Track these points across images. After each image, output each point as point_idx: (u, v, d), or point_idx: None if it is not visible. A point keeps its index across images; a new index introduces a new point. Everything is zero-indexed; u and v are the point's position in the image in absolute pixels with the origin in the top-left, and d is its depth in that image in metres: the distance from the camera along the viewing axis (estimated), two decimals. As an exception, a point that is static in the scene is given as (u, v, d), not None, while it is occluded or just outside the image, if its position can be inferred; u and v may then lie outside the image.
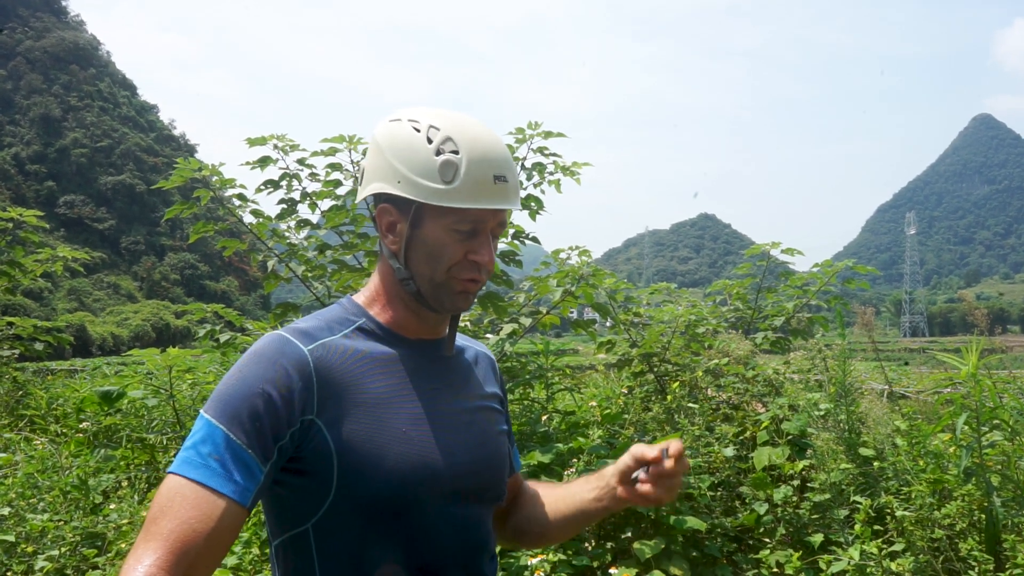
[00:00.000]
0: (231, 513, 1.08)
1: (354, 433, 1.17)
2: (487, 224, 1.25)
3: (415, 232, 1.25)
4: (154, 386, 5.57)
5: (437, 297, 1.27)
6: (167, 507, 1.07)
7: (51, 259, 7.24)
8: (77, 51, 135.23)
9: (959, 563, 3.14)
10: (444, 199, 1.20)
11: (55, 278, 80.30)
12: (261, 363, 1.17)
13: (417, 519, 1.21)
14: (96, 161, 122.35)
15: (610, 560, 3.60)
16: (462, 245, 1.24)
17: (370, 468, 1.17)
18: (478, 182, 1.21)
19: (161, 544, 1.04)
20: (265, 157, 4.75)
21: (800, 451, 4.03)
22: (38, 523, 3.70)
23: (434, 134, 1.22)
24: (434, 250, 1.24)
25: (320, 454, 1.16)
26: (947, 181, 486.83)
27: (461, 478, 1.26)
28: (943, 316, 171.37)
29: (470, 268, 1.25)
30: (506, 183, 1.24)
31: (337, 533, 1.18)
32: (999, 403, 3.31)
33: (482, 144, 1.23)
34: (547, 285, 4.79)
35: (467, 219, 1.23)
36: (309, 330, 1.24)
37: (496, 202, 1.22)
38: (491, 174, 1.22)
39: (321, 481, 1.17)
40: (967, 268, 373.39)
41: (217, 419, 1.12)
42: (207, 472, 1.09)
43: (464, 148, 1.21)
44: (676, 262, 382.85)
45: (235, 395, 1.14)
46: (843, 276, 5.95)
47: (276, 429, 1.13)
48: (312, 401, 1.17)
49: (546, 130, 4.67)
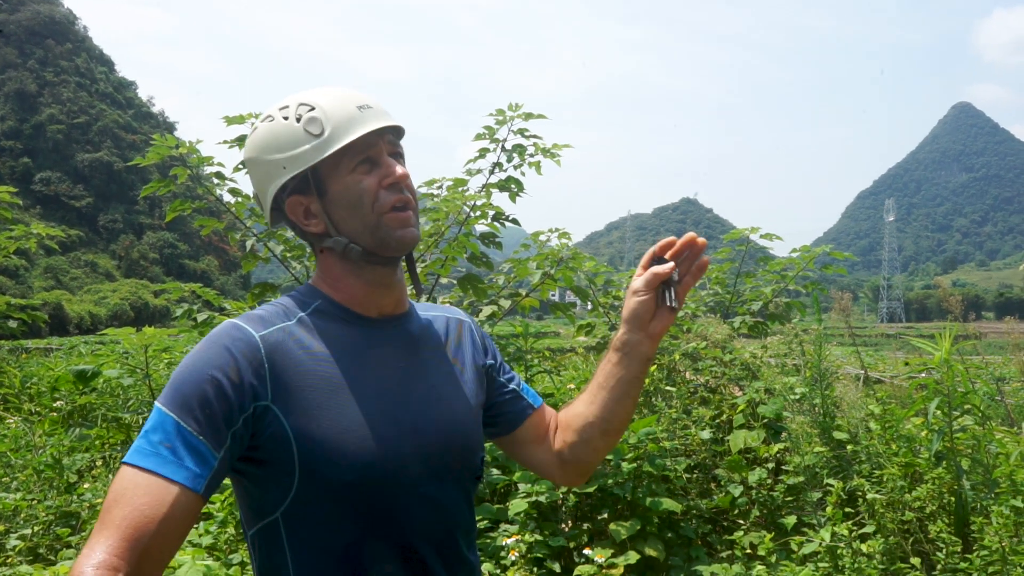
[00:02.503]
0: (184, 500, 1.07)
1: (313, 418, 1.16)
2: (379, 148, 1.27)
3: (326, 199, 1.26)
4: (130, 365, 5.53)
5: (382, 242, 1.26)
6: (120, 496, 1.06)
7: (24, 236, 7.14)
8: (53, 25, 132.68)
9: (928, 545, 3.19)
10: (325, 148, 1.23)
11: (31, 256, 78.96)
12: (211, 349, 1.16)
13: (386, 501, 1.19)
14: (73, 138, 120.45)
15: (586, 541, 3.63)
16: (371, 177, 1.25)
17: (331, 453, 1.15)
18: (346, 117, 1.24)
19: (114, 532, 1.03)
20: (243, 136, 4.70)
21: (775, 434, 4.07)
22: (11, 502, 3.67)
23: (287, 111, 1.27)
24: (351, 198, 1.25)
25: (278, 441, 1.15)
26: (926, 169, 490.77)
27: (431, 458, 1.25)
28: (920, 302, 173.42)
29: (391, 192, 1.25)
30: (372, 108, 1.27)
31: (306, 521, 1.17)
32: (971, 388, 3.35)
33: (332, 91, 1.28)
34: (527, 267, 4.79)
35: (357, 152, 1.25)
36: (264, 316, 1.23)
37: (371, 124, 1.24)
38: (353, 106, 1.25)
39: (282, 469, 1.16)
40: (944, 255, 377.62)
41: (168, 407, 1.12)
42: (158, 460, 1.08)
43: (318, 102, 1.25)
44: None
45: (185, 382, 1.13)
46: (821, 262, 6.00)
47: (227, 415, 1.12)
48: (265, 386, 1.15)
49: (526, 112, 4.65)
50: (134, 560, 1.02)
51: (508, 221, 4.78)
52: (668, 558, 3.57)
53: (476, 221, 4.74)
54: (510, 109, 4.65)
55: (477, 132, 4.78)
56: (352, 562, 1.18)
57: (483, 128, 4.76)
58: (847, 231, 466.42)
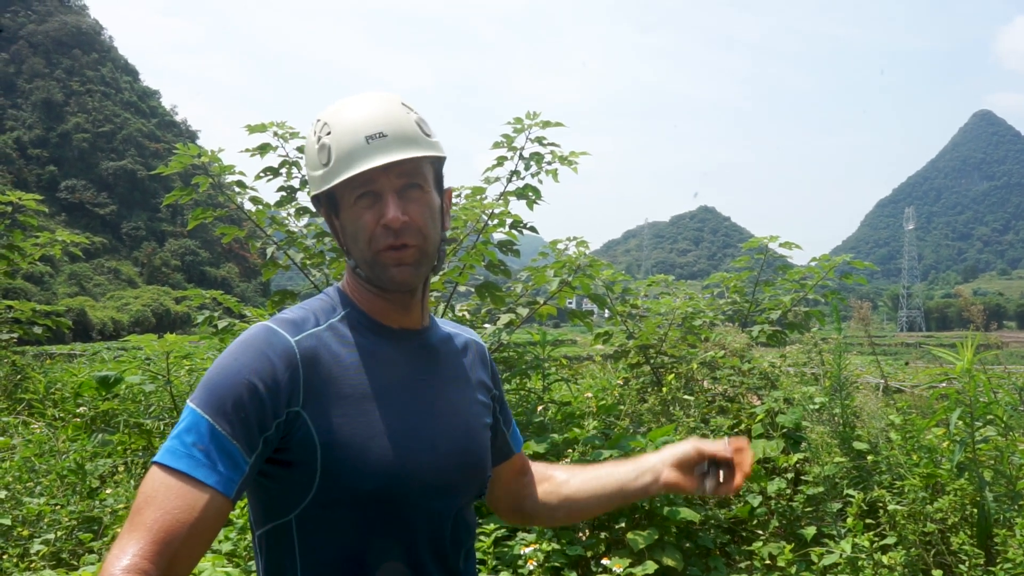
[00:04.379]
0: (215, 504, 1.08)
1: (339, 426, 1.17)
2: (380, 184, 1.23)
3: (338, 222, 1.29)
4: (152, 372, 5.58)
5: (377, 276, 1.26)
6: (151, 497, 1.06)
7: (50, 243, 7.24)
8: (80, 36, 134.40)
9: (950, 557, 3.15)
10: (328, 180, 1.24)
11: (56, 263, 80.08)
12: (248, 353, 1.16)
13: (399, 512, 1.20)
14: (98, 146, 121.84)
15: (604, 550, 3.62)
16: (370, 213, 1.24)
17: (354, 461, 1.16)
18: (349, 150, 1.22)
19: (144, 535, 1.03)
20: (264, 144, 4.75)
21: (795, 444, 4.05)
22: (35, 507, 3.71)
23: (317, 127, 1.27)
24: (353, 231, 1.26)
25: (305, 446, 1.16)
26: (946, 177, 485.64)
27: (445, 472, 1.26)
28: (940, 311, 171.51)
29: (385, 235, 1.23)
30: (384, 138, 1.22)
31: (319, 525, 1.18)
32: (993, 398, 3.32)
33: (352, 114, 1.25)
34: (544, 275, 4.79)
35: (356, 186, 1.23)
36: (296, 320, 1.24)
37: (373, 160, 1.21)
38: (361, 136, 1.22)
39: (305, 473, 1.16)
40: (965, 264, 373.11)
41: (202, 408, 1.12)
42: (191, 462, 1.08)
43: (334, 126, 1.24)
44: (675, 254, 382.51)
45: (221, 385, 1.13)
46: (841, 271, 5.96)
47: (261, 420, 1.12)
48: (298, 392, 1.16)
49: (544, 120, 4.67)
50: (163, 564, 1.03)
51: (526, 229, 4.79)
52: (686, 568, 3.55)
53: (494, 229, 4.76)
54: (528, 117, 4.67)
55: (495, 140, 4.80)
56: (359, 570, 1.19)
57: (501, 136, 4.78)
58: (866, 239, 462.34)
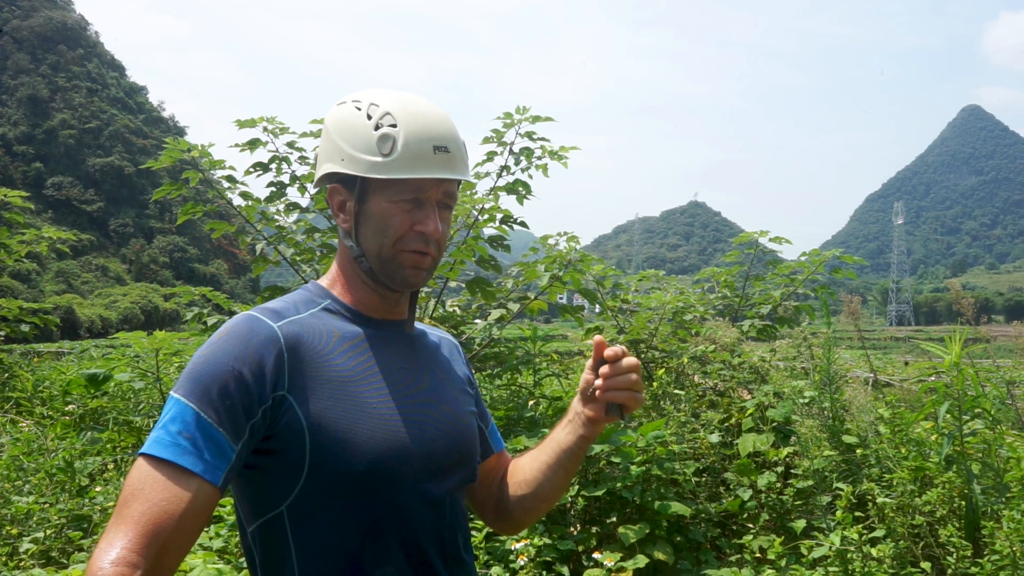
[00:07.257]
0: (203, 492, 1.07)
1: (325, 409, 1.17)
2: (430, 194, 1.26)
3: (362, 208, 1.27)
4: (141, 369, 5.55)
5: (388, 273, 1.27)
6: (138, 489, 1.06)
7: (36, 240, 7.20)
8: (65, 31, 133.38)
9: (938, 549, 3.18)
10: (383, 171, 1.23)
11: (43, 260, 79.46)
12: (231, 341, 1.16)
13: (391, 497, 1.20)
14: (84, 142, 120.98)
15: (595, 544, 3.63)
16: (408, 216, 1.25)
17: (342, 444, 1.16)
18: (416, 152, 1.23)
19: (132, 527, 1.03)
20: (254, 139, 4.73)
21: (784, 438, 4.06)
22: (24, 505, 3.70)
23: (374, 111, 1.25)
24: (380, 224, 1.26)
25: (292, 430, 1.16)
26: (935, 172, 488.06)
27: (433, 455, 1.27)
28: (929, 305, 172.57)
29: (416, 239, 1.26)
30: (447, 153, 1.25)
31: (312, 514, 1.17)
32: (981, 392, 3.34)
33: (422, 117, 1.25)
34: (535, 271, 4.80)
35: (408, 189, 1.24)
36: (278, 309, 1.25)
37: (435, 171, 1.24)
38: (430, 144, 1.23)
39: (293, 459, 1.16)
40: (953, 258, 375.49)
41: (187, 398, 1.11)
42: (177, 451, 1.07)
43: (402, 121, 1.23)
44: (665, 249, 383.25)
45: (205, 373, 1.13)
46: (831, 266, 5.98)
47: (247, 406, 1.13)
48: (283, 377, 1.17)
49: (534, 114, 4.67)
50: (152, 555, 1.02)
51: (516, 224, 4.79)
52: (677, 562, 3.56)
53: (484, 224, 4.76)
54: (518, 112, 4.67)
55: (485, 136, 4.80)
56: (356, 557, 1.19)
57: (491, 131, 4.77)
58: (856, 234, 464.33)
